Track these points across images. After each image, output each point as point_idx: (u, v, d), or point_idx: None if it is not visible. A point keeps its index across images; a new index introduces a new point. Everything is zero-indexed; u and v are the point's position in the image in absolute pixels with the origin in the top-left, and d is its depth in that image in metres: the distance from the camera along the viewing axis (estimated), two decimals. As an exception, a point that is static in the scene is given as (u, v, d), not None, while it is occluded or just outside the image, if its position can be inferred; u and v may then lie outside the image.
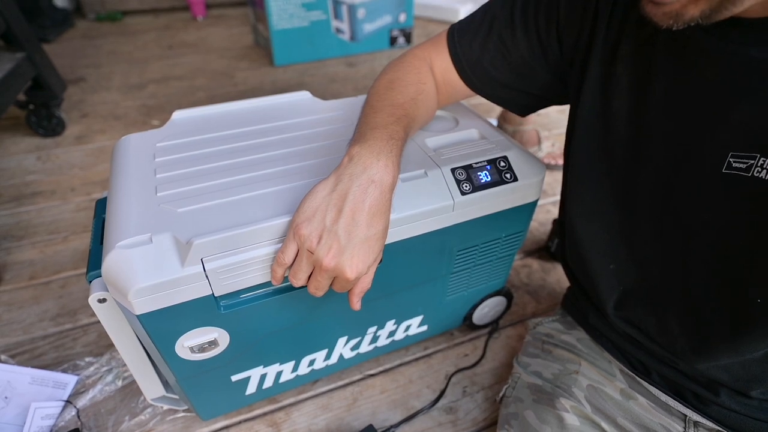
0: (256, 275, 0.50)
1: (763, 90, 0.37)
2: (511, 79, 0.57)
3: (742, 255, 0.42)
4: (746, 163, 0.39)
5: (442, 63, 0.59)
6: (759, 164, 0.38)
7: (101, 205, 0.59)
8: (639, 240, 0.50)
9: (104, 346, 0.80)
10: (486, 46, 0.56)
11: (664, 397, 0.56)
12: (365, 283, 0.49)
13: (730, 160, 0.40)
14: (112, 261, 0.45)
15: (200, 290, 0.48)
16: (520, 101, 0.60)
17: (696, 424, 0.55)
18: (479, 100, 0.61)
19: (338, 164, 0.47)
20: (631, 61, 0.45)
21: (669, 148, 0.44)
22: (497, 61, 0.56)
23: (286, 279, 0.50)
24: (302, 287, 0.49)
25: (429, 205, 0.55)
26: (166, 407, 0.69)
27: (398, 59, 0.61)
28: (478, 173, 0.58)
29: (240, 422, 0.70)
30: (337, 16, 1.99)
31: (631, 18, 0.45)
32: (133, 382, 0.73)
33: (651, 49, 0.44)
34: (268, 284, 0.52)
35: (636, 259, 0.51)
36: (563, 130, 0.56)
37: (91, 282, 0.50)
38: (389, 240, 0.54)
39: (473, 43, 0.56)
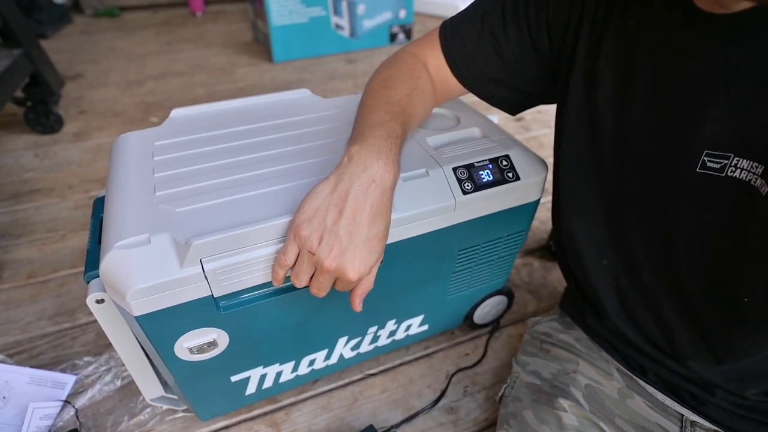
0: (256, 276, 0.50)
1: (737, 88, 0.37)
2: (502, 75, 0.57)
3: (725, 255, 0.42)
4: (720, 163, 0.39)
5: (435, 60, 0.58)
6: (733, 164, 0.38)
7: (99, 204, 0.59)
8: (629, 236, 0.50)
9: (103, 345, 0.79)
10: (478, 42, 0.55)
11: (660, 397, 0.56)
12: (367, 283, 0.48)
13: (705, 159, 0.40)
14: (109, 262, 0.44)
15: (199, 291, 0.47)
16: (511, 99, 0.60)
17: (693, 423, 0.54)
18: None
19: (338, 164, 0.47)
20: (615, 56, 0.45)
21: (650, 145, 0.44)
22: (489, 57, 0.56)
23: (287, 279, 0.49)
24: (303, 288, 0.48)
25: (430, 205, 0.54)
26: (165, 407, 0.69)
27: (391, 57, 0.60)
28: (480, 172, 0.57)
29: (240, 422, 0.69)
30: (337, 12, 1.98)
31: (615, 12, 0.45)
32: (132, 381, 0.72)
33: (633, 44, 0.44)
34: (267, 285, 0.52)
35: (627, 256, 0.51)
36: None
37: (89, 282, 0.50)
38: (390, 240, 0.54)
39: (465, 39, 0.56)
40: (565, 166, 0.54)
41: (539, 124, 1.52)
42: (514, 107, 0.62)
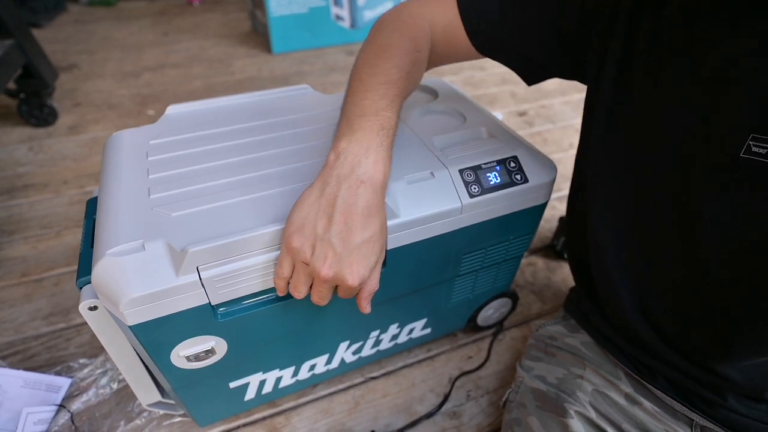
0: (255, 283, 0.48)
1: None
2: (523, 46, 0.53)
3: (759, 248, 0.39)
4: (767, 148, 0.36)
5: (446, 18, 0.53)
6: None
7: (92, 205, 0.56)
8: (653, 229, 0.47)
9: (98, 347, 0.78)
10: (501, 7, 0.51)
11: (669, 401, 0.55)
12: (372, 285, 0.46)
13: (750, 143, 0.37)
14: (102, 270, 0.42)
15: (196, 299, 0.45)
16: (527, 68, 0.56)
17: (703, 429, 0.53)
18: (481, 92, 0.58)
19: (324, 163, 0.44)
20: (654, 36, 0.42)
21: (690, 129, 0.41)
22: (512, 25, 0.51)
23: (288, 288, 0.47)
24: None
25: (436, 208, 0.52)
26: (162, 412, 0.67)
27: (393, 17, 0.54)
28: (487, 174, 0.55)
29: (239, 427, 0.68)
30: (337, 2, 1.95)
31: None
32: (128, 385, 0.71)
33: (673, 22, 0.41)
34: (267, 291, 0.50)
35: (650, 249, 0.49)
36: (568, 122, 0.54)
37: (81, 288, 0.48)
38: (393, 245, 0.52)
39: (487, 2, 0.52)
40: (593, 156, 0.52)
41: (543, 119, 1.50)
42: (529, 78, 0.58)
